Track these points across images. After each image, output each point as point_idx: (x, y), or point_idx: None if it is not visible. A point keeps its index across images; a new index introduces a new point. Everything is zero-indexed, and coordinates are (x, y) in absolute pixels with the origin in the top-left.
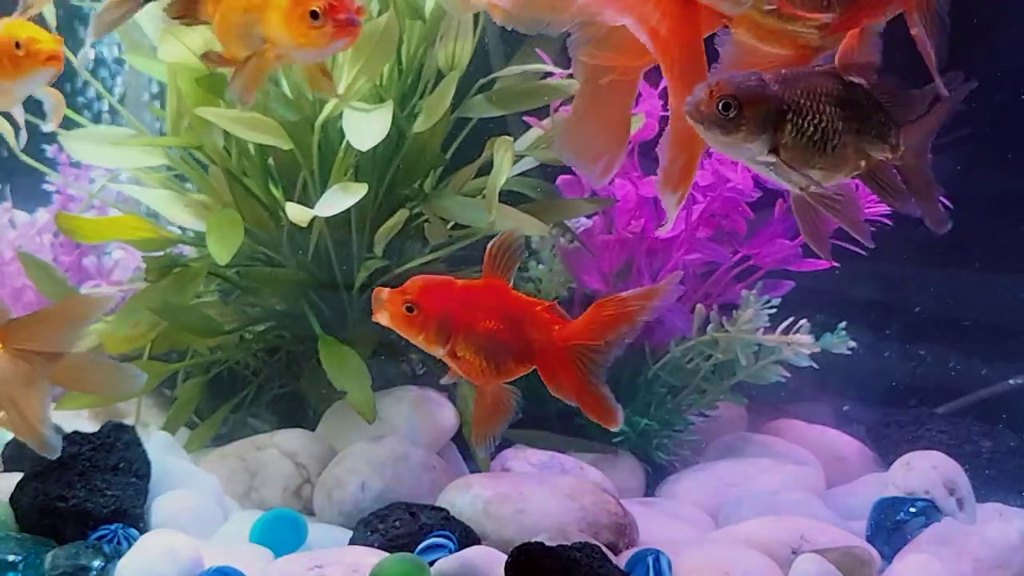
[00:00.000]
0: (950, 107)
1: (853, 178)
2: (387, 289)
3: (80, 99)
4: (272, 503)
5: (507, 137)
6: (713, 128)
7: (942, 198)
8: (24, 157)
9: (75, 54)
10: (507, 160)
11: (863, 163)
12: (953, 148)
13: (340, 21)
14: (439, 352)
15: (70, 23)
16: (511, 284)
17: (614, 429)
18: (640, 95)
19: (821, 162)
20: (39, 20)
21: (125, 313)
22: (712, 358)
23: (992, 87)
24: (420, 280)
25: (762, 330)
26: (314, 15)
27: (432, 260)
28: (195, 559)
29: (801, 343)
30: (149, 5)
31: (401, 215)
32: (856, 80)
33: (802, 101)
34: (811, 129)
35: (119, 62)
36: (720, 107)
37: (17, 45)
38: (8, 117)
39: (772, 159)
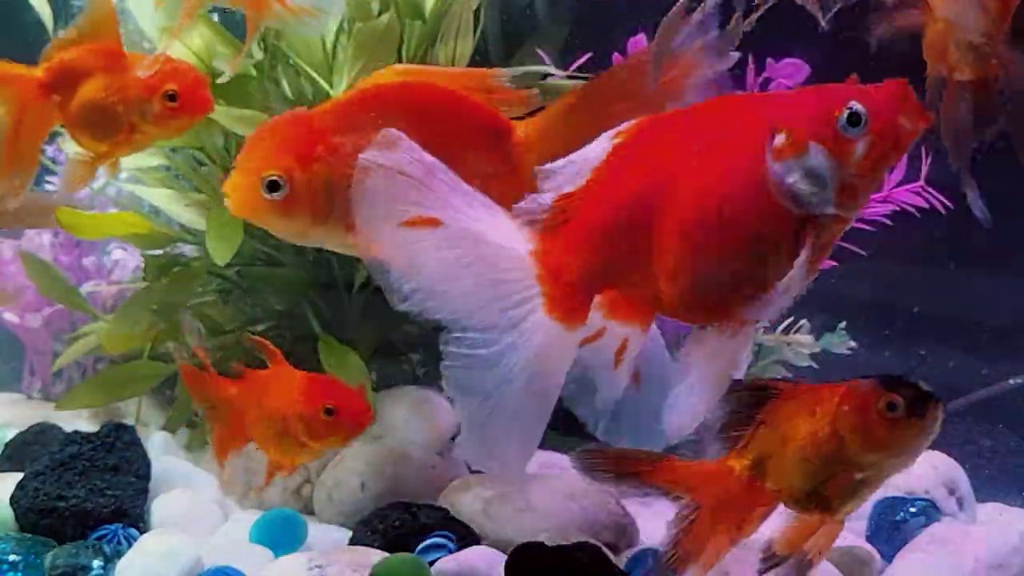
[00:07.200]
0: None
1: None
2: None
3: None
4: (272, 503)
5: None
6: None
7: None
8: None
9: None
10: None
11: None
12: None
13: None
14: None
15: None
16: None
17: None
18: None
19: None
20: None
21: (125, 313)
22: None
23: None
24: None
25: (762, 330)
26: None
27: None
28: (195, 559)
29: (801, 343)
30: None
31: None
32: None
33: None
34: None
35: None
36: None
37: None
38: None
39: None
